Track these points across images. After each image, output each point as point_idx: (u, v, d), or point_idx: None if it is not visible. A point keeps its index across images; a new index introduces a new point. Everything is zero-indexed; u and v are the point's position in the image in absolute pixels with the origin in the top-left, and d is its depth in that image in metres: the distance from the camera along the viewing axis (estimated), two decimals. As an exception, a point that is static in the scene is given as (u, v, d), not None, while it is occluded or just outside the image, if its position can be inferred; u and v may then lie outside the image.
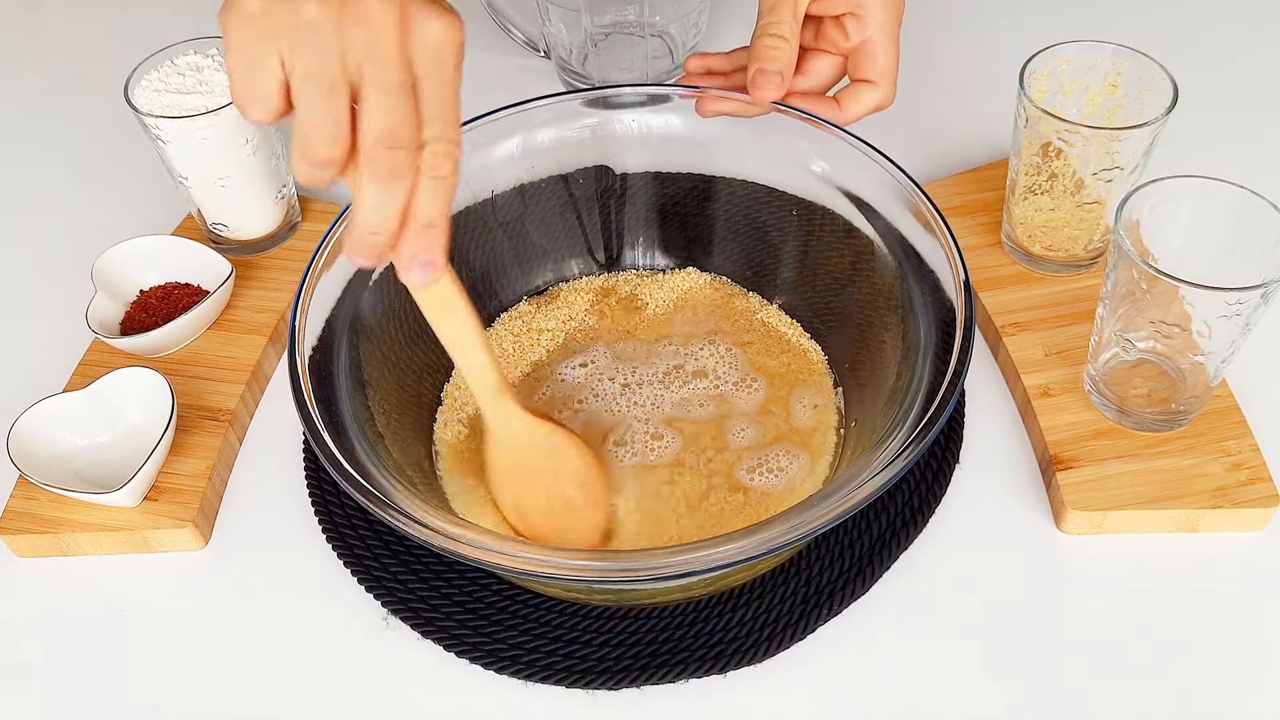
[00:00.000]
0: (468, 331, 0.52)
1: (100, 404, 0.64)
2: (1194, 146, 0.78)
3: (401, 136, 0.43)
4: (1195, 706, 0.54)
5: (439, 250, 0.46)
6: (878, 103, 0.63)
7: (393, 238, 0.45)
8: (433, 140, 0.44)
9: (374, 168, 0.43)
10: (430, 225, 0.45)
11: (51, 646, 0.59)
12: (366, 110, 0.42)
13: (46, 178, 0.86)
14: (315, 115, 0.42)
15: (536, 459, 0.57)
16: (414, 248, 0.45)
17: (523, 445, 0.57)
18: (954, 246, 0.56)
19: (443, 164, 0.44)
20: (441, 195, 0.45)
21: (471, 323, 0.52)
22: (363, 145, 0.43)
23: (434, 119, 0.44)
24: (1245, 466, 0.60)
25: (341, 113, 0.42)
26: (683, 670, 0.56)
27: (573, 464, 0.58)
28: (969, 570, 0.60)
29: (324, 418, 0.52)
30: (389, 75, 0.42)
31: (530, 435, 0.56)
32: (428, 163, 0.44)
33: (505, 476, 0.58)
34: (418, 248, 0.45)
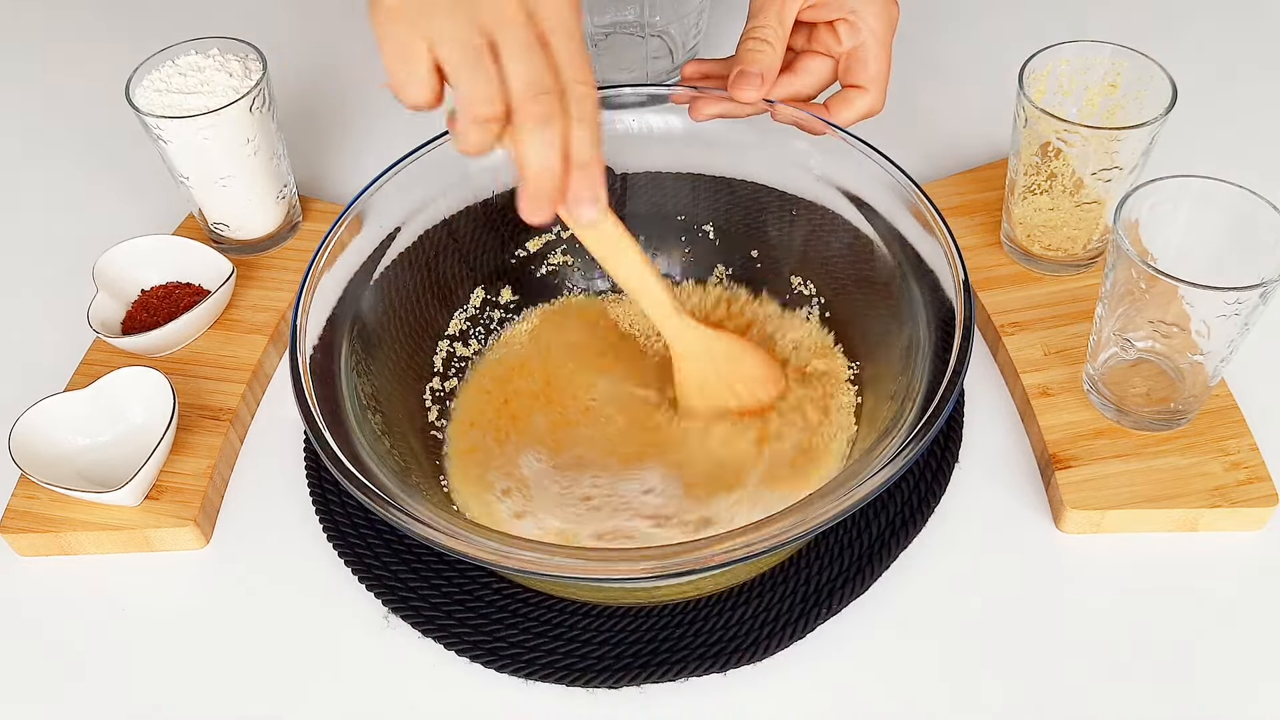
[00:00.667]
0: (637, 263, 0.57)
1: (102, 403, 0.64)
2: (1193, 146, 0.78)
3: (544, 82, 0.46)
4: (1194, 706, 0.55)
5: (600, 186, 0.49)
6: (868, 108, 0.63)
7: (560, 181, 0.48)
8: (570, 84, 0.47)
9: (528, 116, 0.46)
10: (586, 164, 0.48)
11: (53, 645, 0.59)
12: (509, 69, 0.46)
13: (48, 177, 0.86)
14: (472, 80, 0.46)
15: (719, 366, 0.62)
16: (578, 187, 0.49)
17: (704, 355, 0.61)
18: (953, 246, 0.56)
19: (584, 105, 0.48)
20: (590, 134, 0.48)
21: (640, 255, 0.57)
22: (514, 98, 0.46)
23: (566, 65, 0.47)
24: (1244, 466, 0.60)
25: (492, 74, 0.46)
26: (683, 669, 0.56)
27: (749, 365, 0.63)
28: (968, 569, 0.60)
29: (325, 416, 0.52)
30: (520, 35, 0.46)
31: (709, 345, 0.61)
32: (571, 107, 0.47)
33: (697, 387, 0.62)
34: (581, 186, 0.49)
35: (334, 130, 0.87)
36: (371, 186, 0.60)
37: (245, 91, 0.69)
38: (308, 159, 0.85)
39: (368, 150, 0.86)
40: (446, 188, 0.64)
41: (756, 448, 0.62)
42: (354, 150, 0.86)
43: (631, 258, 0.56)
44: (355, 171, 0.84)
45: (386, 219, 0.61)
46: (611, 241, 0.56)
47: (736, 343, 0.62)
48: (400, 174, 0.61)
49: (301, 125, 0.87)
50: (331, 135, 0.87)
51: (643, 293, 0.58)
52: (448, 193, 0.64)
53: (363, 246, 0.60)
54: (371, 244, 0.61)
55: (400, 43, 0.46)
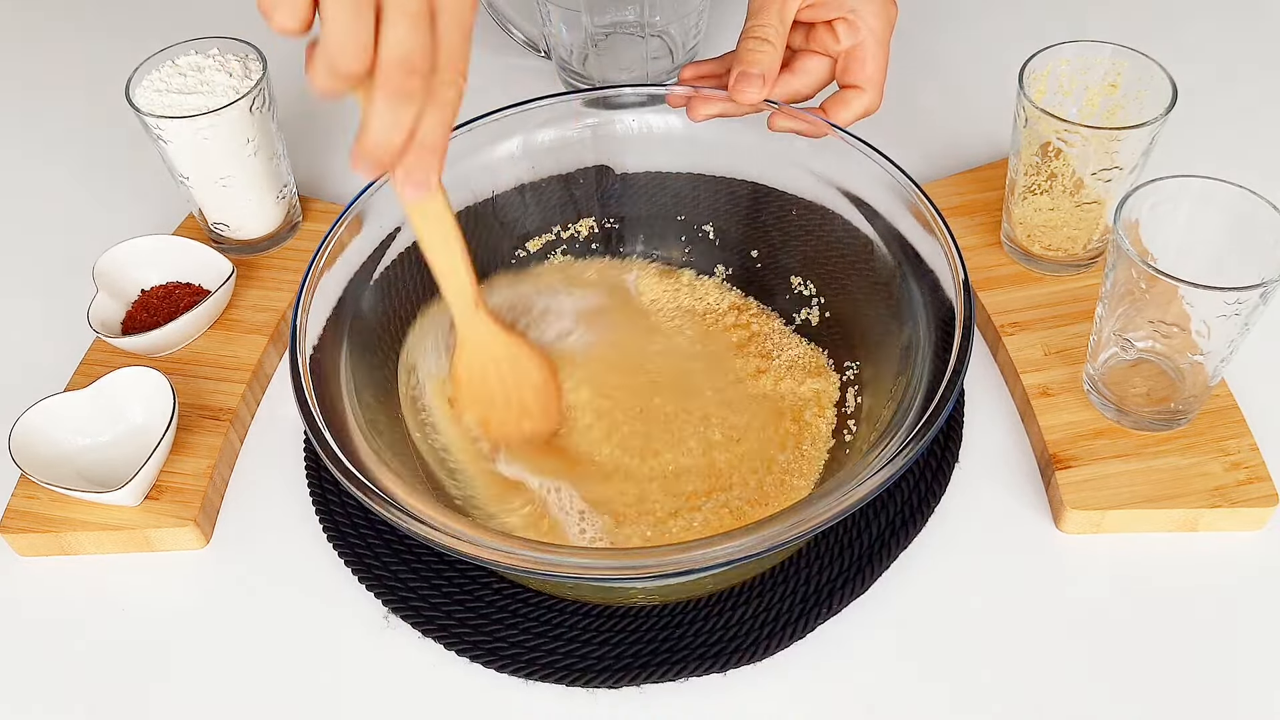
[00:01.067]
0: (451, 245, 0.55)
1: (102, 403, 0.64)
2: (1193, 146, 0.78)
3: (418, 63, 0.45)
4: (1195, 706, 0.55)
5: (434, 172, 0.49)
6: (866, 108, 0.63)
7: (396, 155, 0.47)
8: (442, 70, 0.46)
9: (389, 88, 0.45)
10: (429, 148, 0.47)
11: (53, 645, 0.59)
12: (388, 33, 0.44)
13: (48, 177, 0.86)
14: (345, 28, 0.44)
15: (502, 367, 0.61)
16: (412, 166, 0.48)
17: (490, 354, 0.60)
18: (953, 246, 0.56)
19: (447, 94, 0.47)
20: (444, 122, 0.47)
21: (455, 237, 0.55)
22: (381, 65, 0.45)
23: (446, 52, 0.46)
24: (1244, 466, 0.60)
25: (368, 29, 0.44)
26: (683, 669, 0.56)
27: (533, 376, 0.62)
28: (968, 569, 0.60)
29: (325, 416, 0.52)
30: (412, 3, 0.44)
31: (498, 345, 0.60)
32: (435, 91, 0.46)
33: (473, 382, 0.61)
34: (415, 167, 0.48)
35: (334, 130, 0.87)
36: (371, 186, 0.60)
37: (245, 91, 0.69)
38: (308, 159, 0.84)
39: (368, 150, 0.85)
40: (446, 187, 0.63)
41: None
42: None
43: (447, 237, 0.55)
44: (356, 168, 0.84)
45: (386, 219, 0.61)
46: (432, 217, 0.54)
47: (525, 354, 0.61)
48: (400, 174, 0.61)
49: (301, 125, 0.87)
50: (331, 135, 0.87)
51: (448, 276, 0.57)
52: (447, 192, 0.64)
53: (363, 246, 0.60)
54: (371, 244, 0.61)
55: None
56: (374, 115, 0.46)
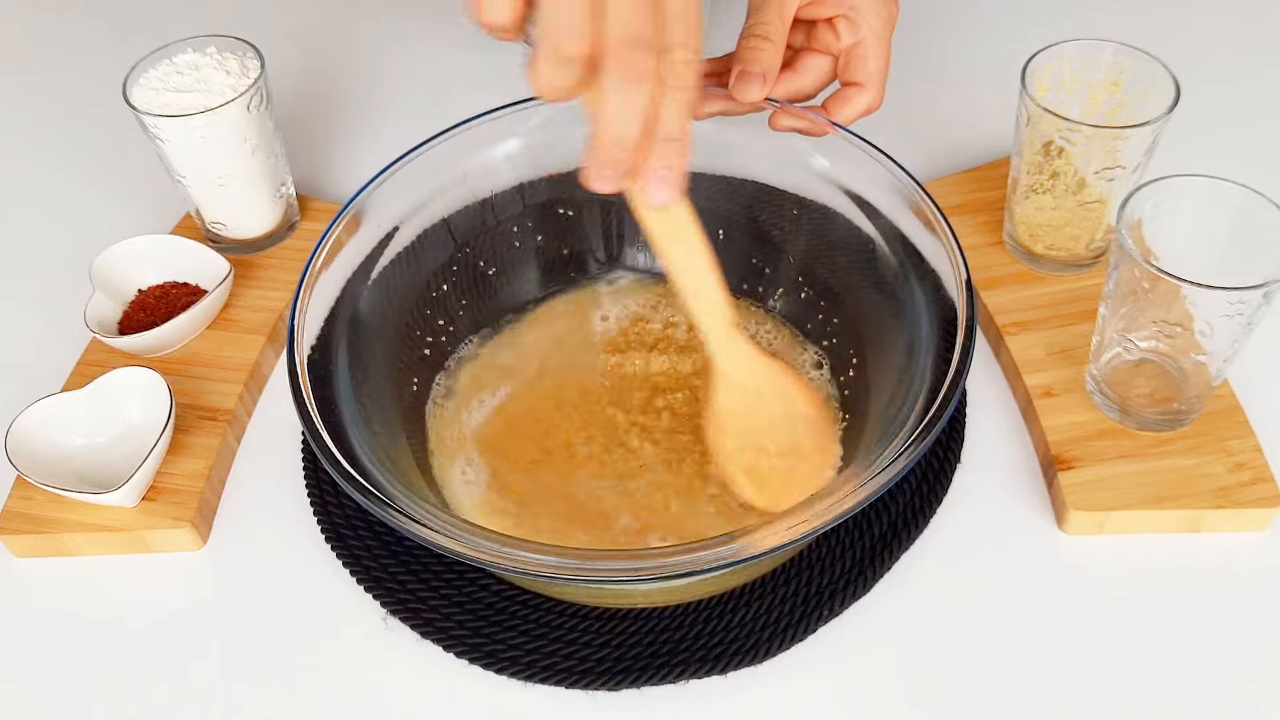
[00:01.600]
0: (701, 261, 0.50)
1: (98, 404, 0.63)
2: (1196, 145, 0.78)
3: (646, 37, 0.41)
4: (1198, 707, 0.54)
5: (682, 166, 0.44)
6: (867, 106, 0.63)
7: (638, 151, 0.43)
8: (675, 47, 0.42)
9: (619, 69, 0.41)
10: (673, 138, 0.43)
11: (49, 647, 0.59)
12: (609, 7, 0.41)
13: (44, 177, 0.85)
14: (561, 8, 0.40)
15: (768, 400, 0.55)
16: (658, 161, 0.43)
17: (751, 387, 0.54)
18: (955, 246, 0.56)
19: (685, 74, 0.42)
20: (684, 107, 0.43)
21: (705, 252, 0.50)
22: (607, 45, 0.41)
23: (675, 26, 0.42)
24: (1248, 466, 0.60)
25: (586, 10, 0.40)
26: (683, 671, 0.55)
27: (801, 408, 0.56)
28: (970, 571, 0.60)
29: (323, 417, 0.52)
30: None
31: (762, 374, 0.54)
32: (670, 71, 0.42)
33: (732, 418, 0.55)
34: (661, 162, 0.43)
35: (332, 129, 0.87)
36: (370, 186, 0.60)
37: (243, 90, 0.69)
38: (306, 158, 0.84)
39: (366, 149, 0.85)
40: (445, 187, 0.63)
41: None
42: (352, 149, 0.86)
43: (696, 252, 0.50)
44: (353, 171, 0.84)
45: (385, 218, 0.61)
46: (678, 229, 0.49)
47: (795, 383, 0.55)
48: (398, 173, 0.61)
49: (299, 124, 0.87)
50: (329, 134, 0.87)
51: (700, 297, 0.51)
52: (446, 192, 0.63)
53: (361, 246, 0.60)
54: (370, 243, 0.60)
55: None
56: (607, 107, 0.41)
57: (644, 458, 0.61)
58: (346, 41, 0.96)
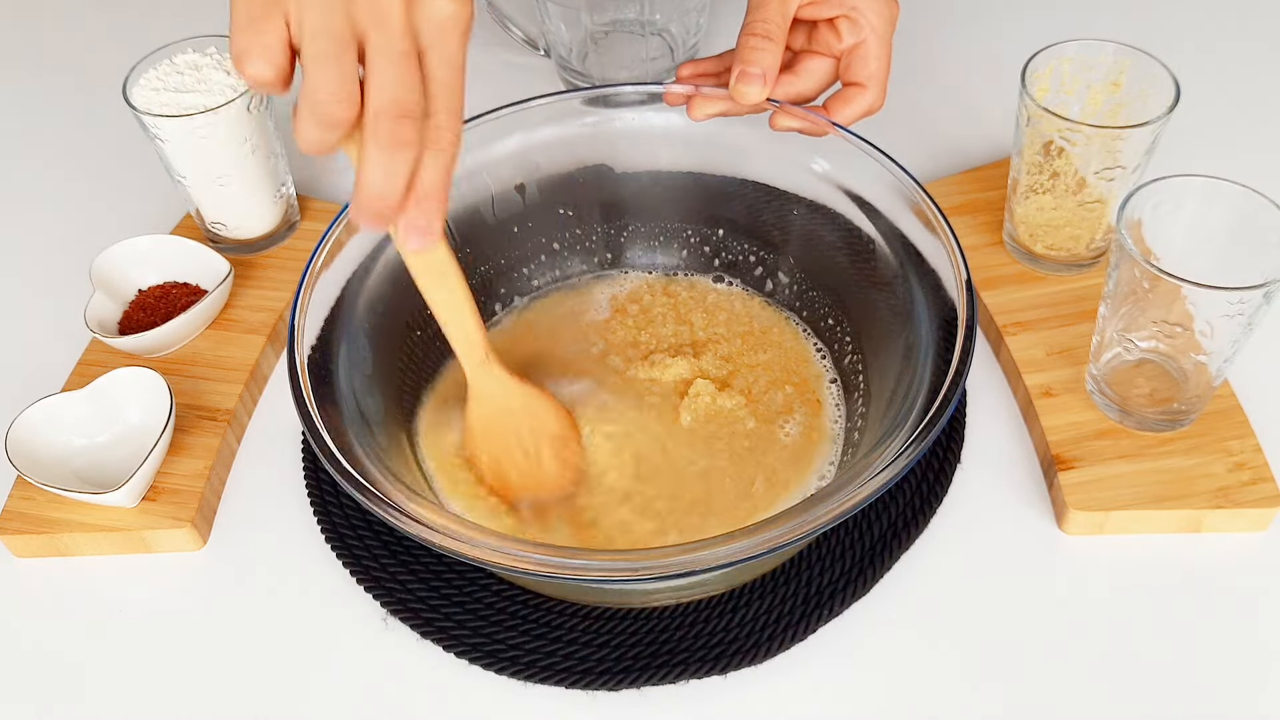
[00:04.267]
0: (458, 297, 0.54)
1: (98, 404, 0.63)
2: (1196, 145, 0.78)
3: (408, 106, 0.43)
4: (1199, 707, 0.54)
5: (437, 220, 0.46)
6: (868, 106, 0.63)
7: (397, 205, 0.45)
8: (436, 113, 0.44)
9: (380, 136, 0.43)
10: (430, 196, 0.46)
11: (49, 647, 0.59)
12: (374, 78, 0.43)
13: (45, 177, 0.85)
14: (327, 73, 0.42)
15: (516, 419, 0.59)
16: (414, 216, 0.46)
17: (503, 406, 0.59)
18: (955, 246, 0.56)
19: (444, 136, 0.45)
20: (442, 167, 0.45)
21: (462, 289, 0.54)
22: (369, 113, 0.43)
23: (438, 93, 0.44)
24: (1248, 466, 0.60)
25: (352, 73, 0.43)
26: (683, 671, 0.55)
27: (550, 425, 0.60)
28: (970, 571, 0.60)
29: (323, 417, 0.52)
30: (396, 44, 0.42)
31: (511, 397, 0.59)
32: (430, 135, 0.44)
33: (485, 435, 0.60)
34: (417, 216, 0.46)
35: (332, 129, 0.87)
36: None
37: (243, 90, 0.69)
38: (305, 158, 0.84)
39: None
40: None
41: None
42: (352, 149, 0.85)
43: (453, 290, 0.54)
44: (353, 171, 0.83)
45: (385, 218, 0.61)
46: (436, 270, 0.53)
47: (541, 399, 0.60)
48: (399, 173, 0.61)
49: (300, 124, 0.87)
50: (330, 134, 0.87)
51: (457, 326, 0.55)
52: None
53: (361, 245, 0.60)
54: (370, 243, 0.60)
55: (255, 6, 0.42)
56: (368, 167, 0.44)
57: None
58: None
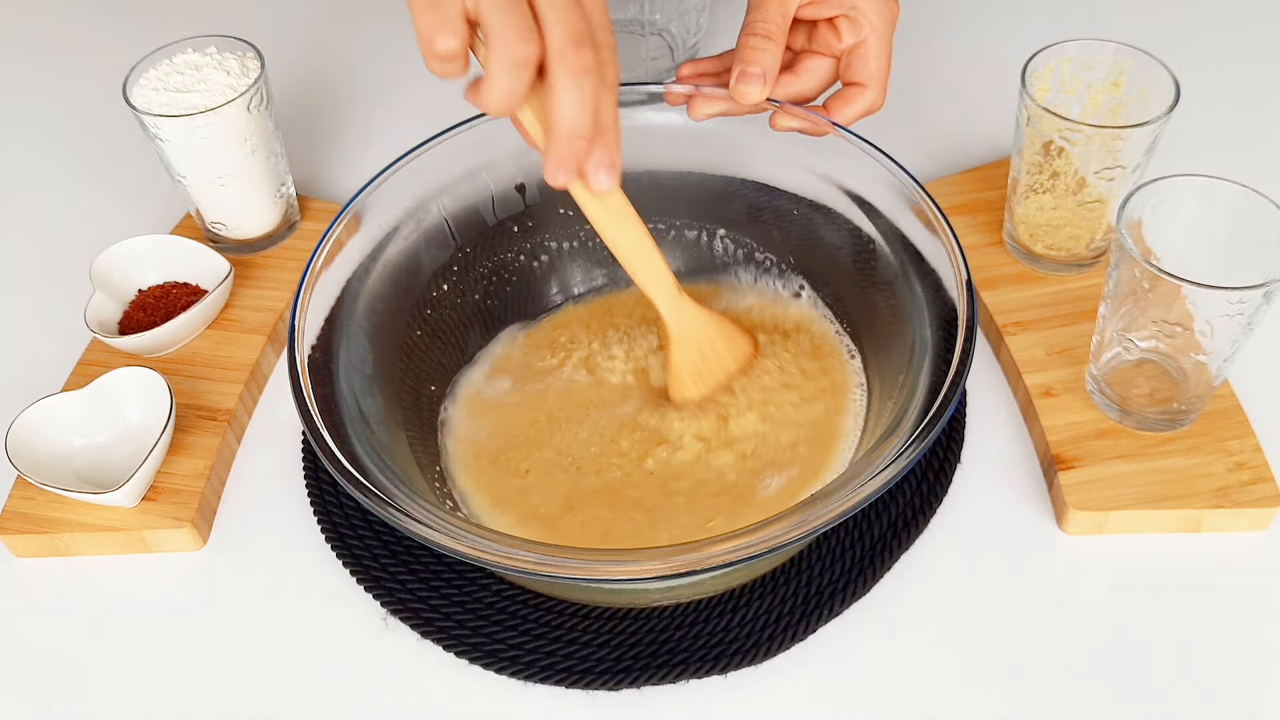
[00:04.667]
0: (641, 239, 0.56)
1: (99, 404, 0.63)
2: (1196, 145, 0.78)
3: (586, 34, 0.45)
4: (1199, 707, 0.54)
5: (617, 155, 0.48)
6: (869, 105, 0.63)
7: (591, 140, 0.46)
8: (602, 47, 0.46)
9: (569, 63, 0.44)
10: (610, 129, 0.47)
11: (49, 647, 0.59)
12: (550, 16, 0.44)
13: (45, 176, 0.85)
14: (510, 17, 0.44)
15: (719, 347, 0.61)
16: (600, 154, 0.47)
17: (703, 339, 0.60)
18: (955, 245, 0.56)
19: (610, 70, 0.46)
20: (614, 99, 0.47)
21: (643, 229, 0.55)
22: (554, 47, 0.44)
23: (599, 26, 0.46)
24: (1248, 466, 0.60)
25: (529, 15, 0.44)
26: (683, 670, 0.55)
27: (746, 347, 0.62)
28: (970, 570, 0.60)
29: (323, 416, 0.52)
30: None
31: (710, 326, 0.61)
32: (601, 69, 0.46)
33: (693, 374, 0.61)
34: (603, 153, 0.47)
35: (332, 129, 0.87)
36: (370, 185, 0.60)
37: (243, 90, 0.69)
38: (306, 158, 0.84)
39: (366, 149, 0.85)
40: (445, 187, 0.63)
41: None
42: (352, 149, 0.86)
43: (637, 230, 0.55)
44: (353, 170, 0.84)
45: (385, 218, 0.61)
46: (619, 212, 0.54)
47: (725, 321, 0.62)
48: (399, 173, 0.61)
49: (299, 124, 0.87)
50: (329, 134, 0.87)
51: (645, 268, 0.57)
52: (446, 192, 0.63)
53: (361, 245, 0.60)
54: (370, 243, 0.60)
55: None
56: (561, 102, 0.45)
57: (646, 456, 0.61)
58: (346, 41, 0.96)
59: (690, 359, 0.61)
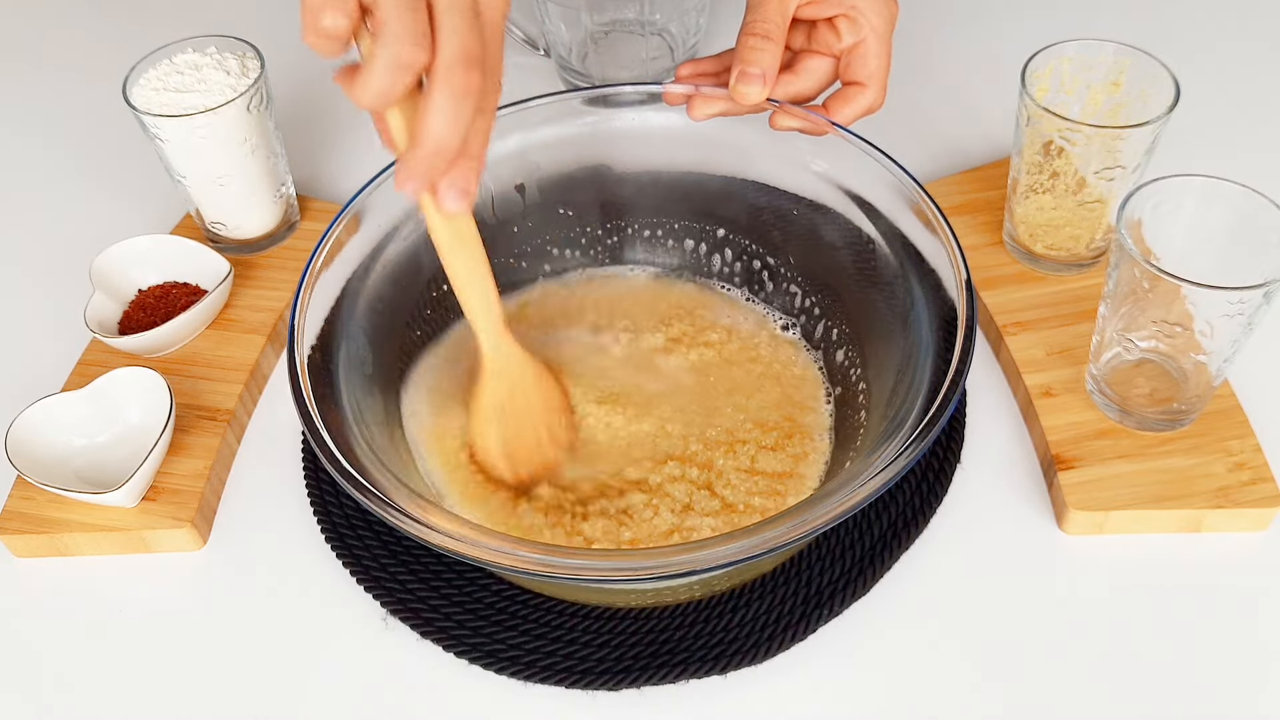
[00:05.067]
0: (478, 267, 0.54)
1: (98, 404, 0.63)
2: (1196, 145, 0.78)
3: (478, 56, 0.44)
4: (1199, 707, 0.54)
5: (476, 182, 0.47)
6: (868, 105, 0.63)
7: (451, 160, 0.45)
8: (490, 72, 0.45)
9: (454, 82, 0.43)
10: (474, 156, 0.46)
11: (49, 647, 0.59)
12: (445, 28, 0.43)
13: (45, 176, 0.85)
14: (405, 18, 0.43)
15: (529, 394, 0.60)
16: (457, 176, 0.46)
17: (518, 380, 0.59)
18: (955, 246, 0.56)
19: (492, 99, 0.46)
20: (487, 129, 0.46)
21: (483, 259, 0.54)
22: (441, 62, 0.43)
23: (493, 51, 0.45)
24: (1248, 466, 0.60)
25: (426, 21, 0.43)
26: (683, 670, 0.55)
27: (556, 398, 0.61)
28: (970, 570, 0.60)
29: (323, 416, 0.52)
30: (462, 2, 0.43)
31: (526, 370, 0.59)
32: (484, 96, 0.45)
33: (497, 411, 0.59)
34: (460, 176, 0.46)
35: (332, 129, 0.87)
36: (370, 185, 0.60)
37: (243, 90, 0.69)
38: (306, 158, 0.84)
39: (366, 149, 0.85)
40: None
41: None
42: (352, 149, 0.86)
43: (477, 258, 0.54)
44: (353, 170, 0.84)
45: (385, 218, 0.61)
46: (461, 238, 0.53)
47: (544, 369, 0.60)
48: (399, 173, 0.61)
49: (299, 124, 0.87)
50: (329, 134, 0.87)
51: (477, 296, 0.55)
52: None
53: (361, 245, 0.60)
54: (370, 243, 0.60)
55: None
56: (434, 116, 0.44)
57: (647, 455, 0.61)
58: (346, 41, 0.96)
59: (499, 395, 0.59)
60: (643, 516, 0.58)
